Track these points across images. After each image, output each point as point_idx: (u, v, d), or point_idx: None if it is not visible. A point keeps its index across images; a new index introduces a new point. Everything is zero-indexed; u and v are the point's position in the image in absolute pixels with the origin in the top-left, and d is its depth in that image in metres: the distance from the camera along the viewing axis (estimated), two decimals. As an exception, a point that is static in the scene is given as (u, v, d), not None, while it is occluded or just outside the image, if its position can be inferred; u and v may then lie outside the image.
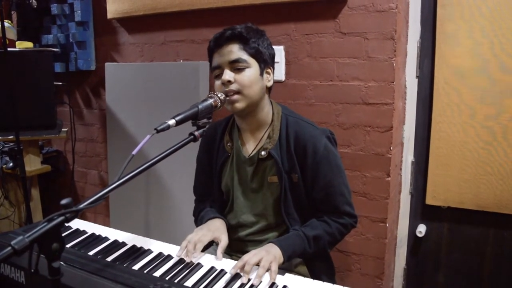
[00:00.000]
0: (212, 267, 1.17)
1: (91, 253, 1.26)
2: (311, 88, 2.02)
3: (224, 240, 1.31)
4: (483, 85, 1.89)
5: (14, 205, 2.77)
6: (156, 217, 2.52)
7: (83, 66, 2.75)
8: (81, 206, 0.84)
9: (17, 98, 2.15)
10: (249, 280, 1.11)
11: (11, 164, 2.61)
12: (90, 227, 1.46)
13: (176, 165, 2.32)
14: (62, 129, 2.71)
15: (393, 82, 1.83)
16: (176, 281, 1.10)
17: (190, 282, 1.10)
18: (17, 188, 2.76)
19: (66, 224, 1.10)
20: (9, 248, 0.72)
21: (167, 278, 1.11)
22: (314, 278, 1.37)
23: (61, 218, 0.80)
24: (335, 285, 1.10)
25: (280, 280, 1.13)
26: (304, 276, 1.36)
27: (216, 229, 1.37)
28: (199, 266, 1.18)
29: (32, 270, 0.80)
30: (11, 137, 2.43)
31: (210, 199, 1.57)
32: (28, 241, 0.75)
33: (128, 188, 2.48)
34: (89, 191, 3.01)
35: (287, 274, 1.18)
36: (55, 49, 2.58)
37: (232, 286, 1.09)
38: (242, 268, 1.14)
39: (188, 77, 2.26)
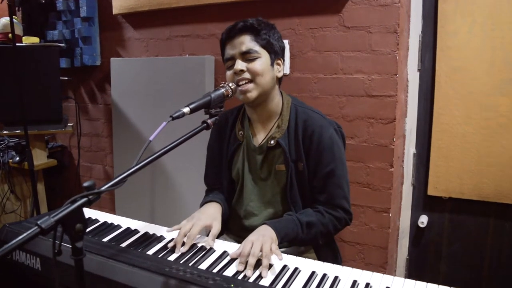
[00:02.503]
0: (225, 252, 1.20)
1: (105, 239, 1.29)
2: (316, 81, 2.05)
3: (215, 227, 1.31)
4: (483, 78, 1.92)
5: (20, 199, 2.79)
6: (161, 210, 2.55)
7: (88, 61, 2.77)
8: (103, 188, 0.87)
9: (23, 93, 2.17)
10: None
11: (17, 158, 2.63)
12: (102, 216, 1.49)
13: (181, 158, 2.35)
14: (68, 124, 2.73)
15: (396, 75, 1.86)
16: (190, 264, 1.13)
17: (204, 265, 1.14)
18: (23, 182, 2.78)
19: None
20: (36, 227, 0.75)
21: (181, 262, 1.14)
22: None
23: (84, 199, 0.83)
24: (344, 267, 1.13)
25: (291, 261, 1.17)
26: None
27: (209, 215, 1.37)
28: (211, 250, 1.22)
29: (56, 251, 0.83)
30: (18, 131, 2.46)
31: (220, 189, 1.60)
32: (53, 221, 0.78)
33: (133, 181, 2.53)
34: (94, 185, 3.02)
35: (297, 257, 1.21)
36: (61, 45, 2.60)
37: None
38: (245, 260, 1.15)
39: (193, 71, 2.28)
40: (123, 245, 1.25)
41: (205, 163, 1.65)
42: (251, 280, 1.06)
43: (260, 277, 1.08)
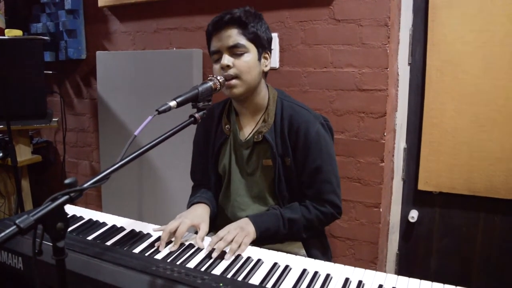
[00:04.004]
0: (213, 250, 1.18)
1: (89, 238, 1.26)
2: (305, 75, 2.02)
3: (203, 229, 1.29)
4: (475, 72, 1.91)
5: (4, 196, 2.73)
6: (149, 206, 2.51)
7: (73, 55, 2.72)
8: (86, 185, 0.84)
9: (6, 87, 2.11)
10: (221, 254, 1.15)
11: (0, 154, 2.57)
12: (87, 213, 1.45)
13: (169, 153, 2.31)
14: (53, 119, 2.67)
15: (387, 69, 1.84)
16: (178, 263, 1.10)
17: (191, 263, 1.11)
18: (7, 178, 2.72)
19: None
20: (14, 226, 0.72)
21: (168, 260, 1.11)
22: (310, 257, 1.40)
23: (66, 197, 0.79)
24: (336, 264, 1.11)
25: (282, 259, 1.15)
26: (300, 254, 1.38)
27: (197, 216, 1.35)
28: (199, 249, 1.19)
29: (37, 251, 0.80)
30: (1, 126, 2.40)
31: (207, 184, 1.57)
32: (33, 220, 0.74)
33: (120, 177, 2.49)
34: (80, 181, 2.93)
35: (255, 248, 1.21)
36: (45, 38, 2.54)
37: (233, 267, 1.10)
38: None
39: (181, 65, 2.24)
40: (109, 243, 1.21)
41: (191, 158, 1.62)
42: (239, 278, 1.04)
43: (248, 275, 1.05)
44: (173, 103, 1.06)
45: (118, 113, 2.54)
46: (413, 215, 2.15)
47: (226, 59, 1.31)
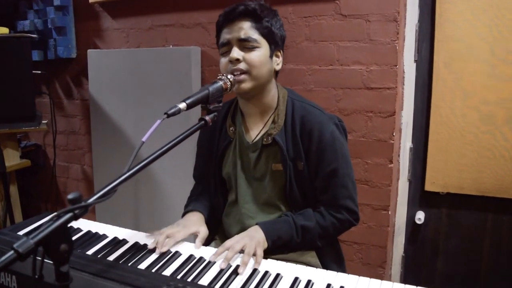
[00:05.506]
0: (229, 265, 1.09)
1: (89, 252, 1.16)
2: (310, 73, 1.96)
3: (202, 232, 1.27)
4: (484, 69, 1.87)
5: (-8, 203, 2.62)
6: (145, 213, 2.44)
7: (63, 53, 2.66)
8: (91, 200, 0.75)
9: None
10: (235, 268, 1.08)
11: (-13, 159, 2.46)
12: (85, 224, 1.35)
13: (166, 158, 2.22)
14: (42, 121, 2.60)
15: (396, 66, 1.78)
16: (189, 279, 1.01)
17: (204, 280, 1.02)
18: (-6, 185, 2.61)
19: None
20: (12, 252, 0.63)
21: (178, 277, 1.02)
22: (324, 267, 1.33)
23: (70, 214, 0.70)
24: (350, 276, 1.04)
25: (269, 266, 1.08)
26: (313, 264, 1.32)
27: (192, 223, 1.31)
28: (210, 264, 1.10)
29: (37, 276, 0.71)
30: (-13, 130, 2.30)
31: (208, 187, 1.50)
32: (33, 243, 0.65)
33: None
34: (71, 186, 2.88)
35: (271, 260, 1.14)
36: (33, 36, 2.43)
37: (250, 284, 1.01)
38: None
39: (178, 63, 2.16)
40: (111, 258, 1.12)
41: (195, 156, 1.55)
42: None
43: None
44: (182, 105, 0.97)
45: (111, 115, 2.47)
46: (420, 216, 2.10)
47: (236, 52, 1.22)
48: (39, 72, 2.60)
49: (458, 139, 1.97)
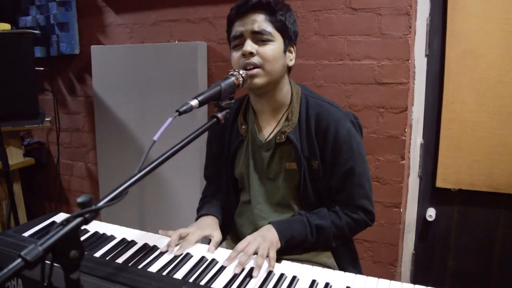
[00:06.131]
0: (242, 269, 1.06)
1: (97, 254, 1.12)
2: (320, 68, 1.92)
3: (216, 236, 1.24)
4: (497, 64, 1.83)
5: (-5, 202, 2.59)
6: (151, 213, 2.41)
7: (66, 50, 2.63)
8: (101, 204, 0.71)
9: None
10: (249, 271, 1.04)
11: (-10, 157, 2.43)
12: (92, 225, 1.31)
13: (173, 158, 2.20)
14: (45, 119, 2.60)
15: (408, 61, 1.74)
16: (202, 283, 0.98)
17: (217, 284, 0.98)
18: (-3, 183, 2.59)
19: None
20: (20, 260, 0.59)
21: (190, 280, 0.99)
22: (339, 267, 1.30)
23: (80, 219, 0.66)
24: (369, 278, 1.00)
25: (284, 268, 1.05)
26: (329, 265, 1.29)
27: (207, 226, 1.28)
28: (223, 267, 1.06)
29: (45, 284, 0.67)
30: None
31: (220, 188, 1.47)
32: (41, 250, 0.61)
33: (121, 181, 2.37)
34: (75, 184, 2.86)
35: (287, 262, 1.10)
36: (35, 32, 2.40)
37: (266, 287, 0.98)
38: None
39: (184, 59, 2.12)
40: (120, 260, 1.08)
41: (205, 156, 1.51)
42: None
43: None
44: (194, 102, 0.93)
45: (115, 112, 2.44)
46: (431, 213, 2.07)
47: (250, 45, 1.18)
48: (42, 69, 2.60)
49: (470, 135, 1.93)
